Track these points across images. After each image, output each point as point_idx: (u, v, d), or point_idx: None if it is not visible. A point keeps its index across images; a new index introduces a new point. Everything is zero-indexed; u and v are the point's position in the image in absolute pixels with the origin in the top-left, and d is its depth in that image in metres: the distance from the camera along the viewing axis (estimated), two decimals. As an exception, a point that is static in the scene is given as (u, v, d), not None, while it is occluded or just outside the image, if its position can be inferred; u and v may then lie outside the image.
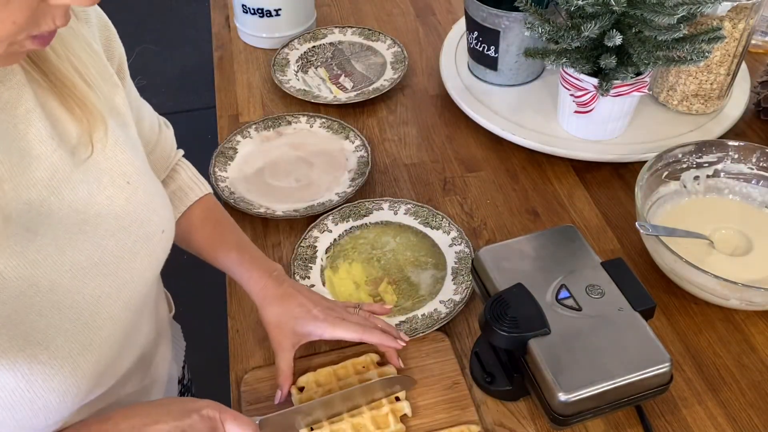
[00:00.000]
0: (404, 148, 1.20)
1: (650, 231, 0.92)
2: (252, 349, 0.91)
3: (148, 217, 0.72)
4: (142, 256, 0.71)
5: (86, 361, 0.64)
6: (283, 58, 1.36)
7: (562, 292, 0.81)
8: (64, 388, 0.62)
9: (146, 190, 0.72)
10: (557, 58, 1.06)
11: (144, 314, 0.78)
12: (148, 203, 0.72)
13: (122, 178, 0.70)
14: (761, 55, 1.38)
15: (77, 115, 0.64)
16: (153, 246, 0.73)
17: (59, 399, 0.62)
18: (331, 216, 1.05)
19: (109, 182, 0.68)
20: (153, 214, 0.73)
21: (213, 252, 0.88)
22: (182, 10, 3.36)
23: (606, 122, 1.12)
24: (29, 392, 0.60)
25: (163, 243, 0.75)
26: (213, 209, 0.92)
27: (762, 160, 1.03)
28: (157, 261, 0.75)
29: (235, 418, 0.70)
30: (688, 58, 1.01)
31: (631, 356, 0.76)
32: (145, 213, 0.71)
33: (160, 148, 0.89)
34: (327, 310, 0.83)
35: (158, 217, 0.73)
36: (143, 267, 0.72)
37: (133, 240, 0.70)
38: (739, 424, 0.82)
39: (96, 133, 0.66)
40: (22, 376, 0.59)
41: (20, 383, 0.59)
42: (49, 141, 0.63)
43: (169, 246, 0.77)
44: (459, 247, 1.00)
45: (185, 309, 1.09)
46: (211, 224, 0.90)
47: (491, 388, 0.84)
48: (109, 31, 0.74)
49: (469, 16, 1.22)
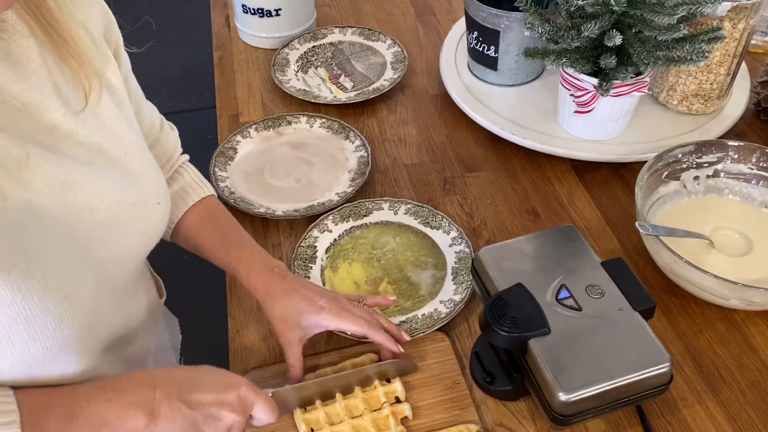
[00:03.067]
0: (404, 148, 1.20)
1: (650, 231, 0.92)
2: (252, 349, 0.91)
3: (145, 186, 0.75)
4: (137, 218, 0.74)
5: (80, 292, 0.66)
6: (283, 58, 1.36)
7: (562, 292, 0.81)
8: (59, 311, 0.63)
9: (142, 162, 0.76)
10: (557, 58, 1.06)
11: (133, 277, 0.80)
12: (145, 174, 0.76)
13: (120, 148, 0.73)
14: (761, 55, 1.38)
15: (73, 68, 0.67)
16: (149, 213, 0.75)
17: (55, 323, 0.63)
18: (331, 216, 1.05)
19: (107, 149, 0.71)
20: (149, 185, 0.76)
21: (214, 251, 0.88)
22: (182, 10, 3.36)
23: (606, 122, 1.12)
24: (25, 309, 0.61)
25: (158, 214, 0.77)
26: (214, 209, 0.92)
27: (762, 160, 1.03)
28: (151, 230, 0.77)
29: (265, 402, 0.72)
30: (688, 58, 1.01)
31: (631, 356, 0.76)
32: (142, 181, 0.75)
33: (161, 145, 0.90)
34: (332, 301, 0.83)
35: (154, 188, 0.77)
36: (136, 229, 0.75)
37: (133, 202, 0.73)
38: (739, 424, 0.82)
39: (91, 86, 0.68)
40: (17, 290, 0.60)
41: (16, 297, 0.60)
42: (54, 98, 0.66)
43: (165, 220, 0.80)
44: (459, 247, 1.01)
45: (185, 309, 1.09)
46: (212, 224, 0.90)
47: (491, 388, 0.84)
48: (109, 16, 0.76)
49: (469, 16, 1.22)
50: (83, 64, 0.67)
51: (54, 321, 0.63)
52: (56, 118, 0.66)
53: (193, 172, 0.94)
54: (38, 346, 0.63)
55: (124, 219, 0.72)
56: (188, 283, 1.78)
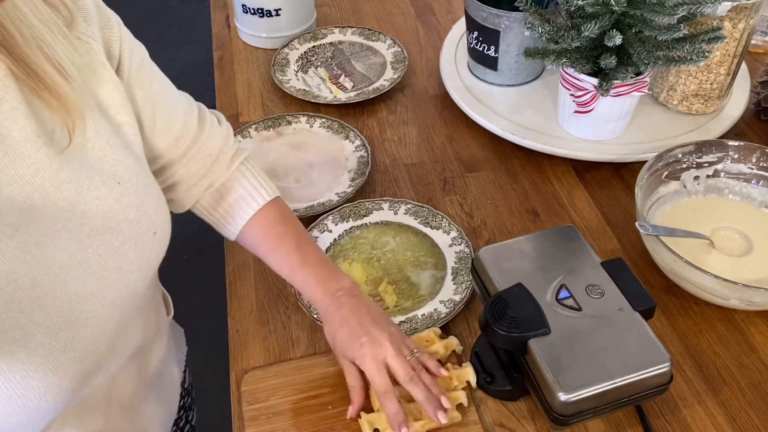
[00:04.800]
0: (404, 148, 1.20)
1: (650, 231, 0.92)
2: (252, 349, 0.91)
3: (138, 218, 0.71)
4: (131, 257, 0.70)
5: (68, 359, 0.64)
6: (283, 58, 1.36)
7: (562, 292, 0.81)
8: (44, 386, 0.62)
9: (138, 191, 0.71)
10: (557, 58, 1.06)
11: (135, 314, 0.77)
12: (140, 204, 0.71)
13: (113, 178, 0.69)
14: (761, 55, 1.38)
15: (53, 105, 0.63)
16: (143, 247, 0.71)
17: (39, 397, 0.62)
18: (331, 216, 1.05)
19: (99, 182, 0.67)
20: (144, 216, 0.71)
21: (280, 268, 0.87)
22: (182, 10, 3.37)
23: (606, 122, 1.12)
24: (7, 389, 0.59)
25: (155, 244, 0.73)
26: (276, 221, 0.88)
27: (762, 160, 1.03)
28: (148, 262, 0.73)
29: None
30: (688, 58, 1.01)
31: (631, 356, 0.76)
32: (135, 214, 0.70)
33: (199, 147, 0.85)
34: (374, 346, 0.79)
35: (149, 219, 0.72)
36: (132, 267, 0.71)
37: (122, 240, 0.69)
38: (739, 424, 0.82)
39: (74, 122, 0.65)
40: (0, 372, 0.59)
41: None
42: (34, 139, 0.62)
43: (164, 248, 0.76)
44: (459, 247, 1.01)
45: (185, 309, 1.09)
46: (275, 240, 0.87)
47: (491, 388, 0.84)
48: (109, 27, 0.72)
49: (469, 16, 1.22)
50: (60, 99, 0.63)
51: (38, 396, 0.62)
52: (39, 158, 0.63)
53: (251, 174, 0.89)
54: (21, 418, 0.62)
55: (117, 265, 0.69)
56: (188, 283, 1.78)
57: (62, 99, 0.63)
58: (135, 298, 0.73)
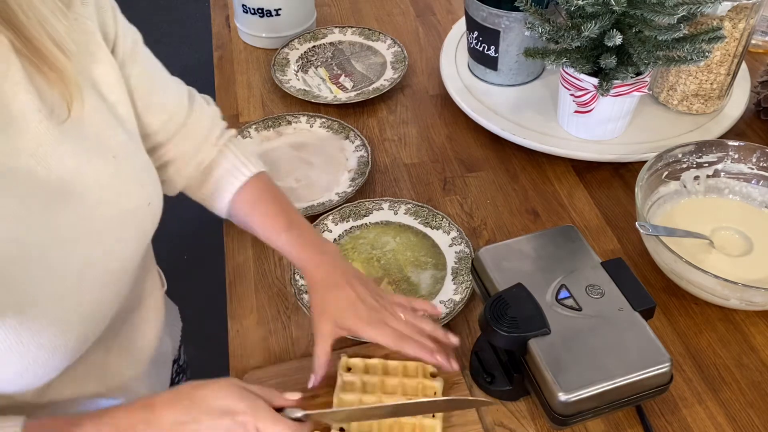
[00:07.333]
0: (404, 148, 1.20)
1: (650, 231, 0.92)
2: (252, 349, 0.91)
3: (135, 190, 0.75)
4: (129, 227, 0.74)
5: (74, 322, 0.67)
6: (283, 58, 1.36)
7: (562, 292, 0.81)
8: (53, 345, 0.65)
9: (133, 165, 0.75)
10: (557, 58, 1.06)
11: (132, 282, 0.80)
12: (136, 177, 0.75)
13: (109, 152, 0.72)
14: (761, 55, 1.38)
15: (52, 79, 0.65)
16: (140, 218, 0.76)
17: (48, 355, 0.65)
18: (331, 216, 1.05)
19: (97, 155, 0.71)
20: (139, 188, 0.75)
21: (266, 235, 0.88)
22: (182, 10, 3.37)
23: (606, 122, 1.12)
24: (19, 345, 0.63)
25: (149, 215, 0.77)
26: (263, 190, 0.90)
27: (762, 160, 1.03)
28: (144, 232, 0.77)
29: (274, 423, 0.68)
30: (688, 58, 1.01)
31: (631, 356, 0.76)
32: (131, 186, 0.74)
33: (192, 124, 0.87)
34: (371, 311, 0.81)
35: (144, 191, 0.76)
36: (130, 236, 0.75)
37: (120, 211, 0.73)
38: (739, 424, 0.82)
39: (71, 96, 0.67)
40: (11, 329, 0.62)
41: (9, 335, 0.62)
42: (35, 112, 0.65)
43: (157, 218, 0.79)
44: (459, 247, 1.00)
45: (185, 309, 1.09)
46: (262, 205, 0.89)
47: (491, 388, 0.84)
48: (104, 10, 0.74)
49: (469, 16, 1.22)
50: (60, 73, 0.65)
51: (47, 354, 0.65)
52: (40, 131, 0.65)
53: (237, 149, 0.91)
54: (31, 375, 0.65)
55: (117, 235, 0.73)
56: (188, 283, 1.78)
57: (61, 73, 0.65)
58: (133, 264, 0.77)
